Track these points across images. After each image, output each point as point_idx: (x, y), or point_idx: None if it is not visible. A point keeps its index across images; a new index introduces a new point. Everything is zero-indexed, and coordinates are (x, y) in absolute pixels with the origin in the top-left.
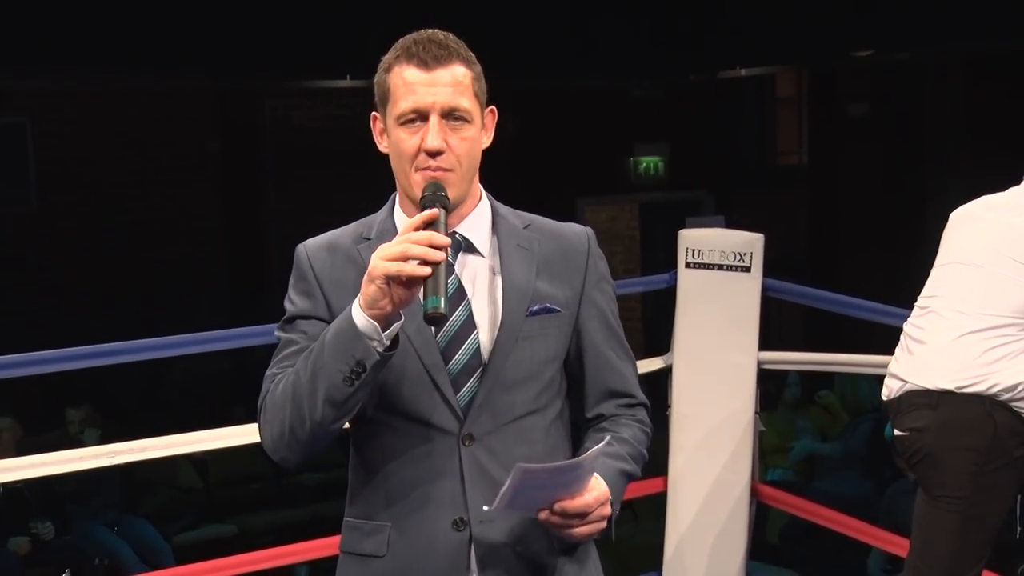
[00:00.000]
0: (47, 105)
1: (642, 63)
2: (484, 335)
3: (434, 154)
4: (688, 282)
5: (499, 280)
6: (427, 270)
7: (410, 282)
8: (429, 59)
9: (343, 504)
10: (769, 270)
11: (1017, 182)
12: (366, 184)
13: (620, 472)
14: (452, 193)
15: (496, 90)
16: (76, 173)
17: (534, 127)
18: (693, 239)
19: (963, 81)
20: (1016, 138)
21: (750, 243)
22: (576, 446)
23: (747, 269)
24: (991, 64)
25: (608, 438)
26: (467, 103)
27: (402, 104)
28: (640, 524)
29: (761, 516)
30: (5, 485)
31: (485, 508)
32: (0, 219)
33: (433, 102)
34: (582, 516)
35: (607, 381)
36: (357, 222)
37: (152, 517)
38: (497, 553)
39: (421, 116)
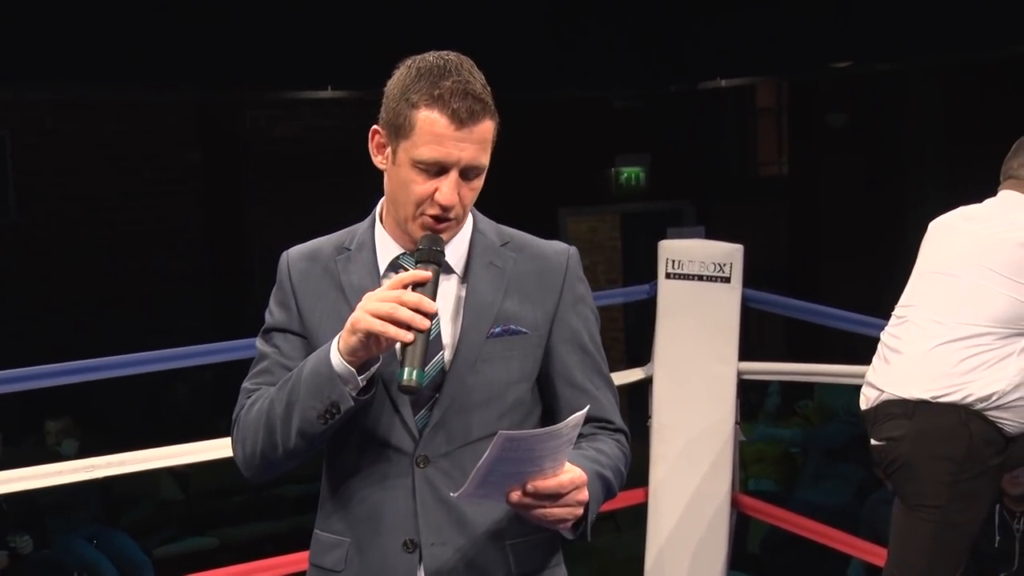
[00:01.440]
0: (27, 117)
1: (623, 74)
2: (448, 356)
3: (447, 208)
4: (668, 293)
5: (464, 299)
6: (410, 337)
7: (390, 342)
8: (464, 115)
9: None
10: (750, 280)
11: (995, 193)
12: (349, 194)
13: (597, 474)
14: (448, 236)
15: None
16: (56, 185)
17: (515, 138)
18: (673, 250)
19: (942, 91)
20: (995, 148)
21: (730, 254)
22: None
23: (727, 280)
24: (970, 74)
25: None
26: (486, 159)
27: (425, 151)
28: (621, 535)
29: (741, 526)
30: None
31: (453, 494)
32: None
33: (459, 159)
34: (556, 497)
35: (581, 407)
36: (343, 231)
37: (132, 530)
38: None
39: (440, 169)
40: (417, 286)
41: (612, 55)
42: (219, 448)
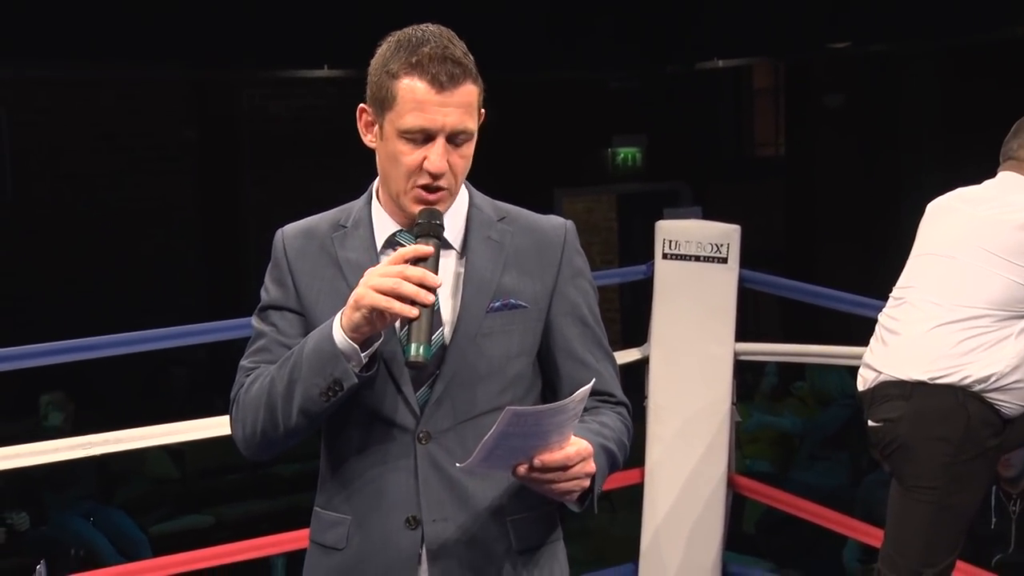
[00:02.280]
0: (22, 95)
1: (619, 55)
2: (448, 331)
3: (437, 175)
4: (665, 273)
5: (463, 274)
6: (415, 312)
7: (394, 317)
8: (444, 79)
9: None
10: (746, 261)
11: (993, 174)
12: (343, 174)
13: (602, 447)
14: (442, 207)
15: None
16: (52, 164)
17: (512, 118)
18: (670, 230)
19: (939, 73)
20: (992, 130)
21: (727, 234)
22: None
23: (724, 260)
24: (967, 56)
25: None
26: (472, 124)
27: (409, 120)
28: (616, 515)
29: (737, 507)
30: None
31: (458, 465)
32: None
33: (443, 124)
34: (563, 469)
35: (583, 379)
36: (337, 208)
37: (128, 508)
38: (449, 553)
39: (427, 136)
40: (419, 260)
41: (609, 36)
42: (214, 426)
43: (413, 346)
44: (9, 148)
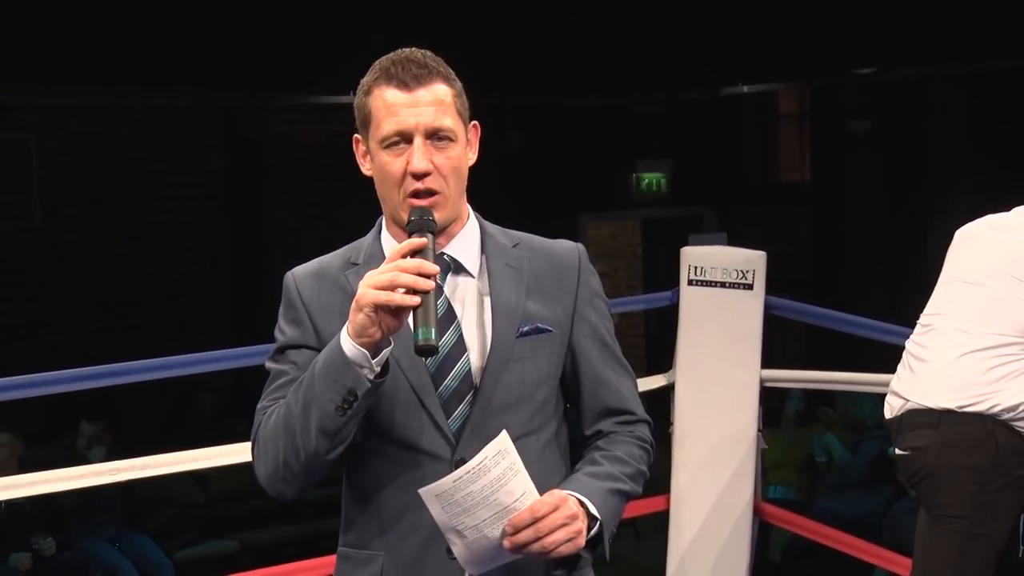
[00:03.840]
0: (51, 121)
1: (644, 79)
2: (474, 357)
3: (420, 176)
4: (691, 299)
5: (488, 301)
6: (416, 300)
7: (399, 311)
8: (409, 79)
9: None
10: (771, 287)
11: (1022, 201)
12: (369, 200)
13: (609, 491)
14: (441, 215)
15: (498, 106)
16: (80, 189)
17: (536, 143)
18: (696, 256)
19: (966, 98)
20: (1019, 156)
21: (753, 260)
22: (574, 466)
23: (750, 287)
24: (994, 81)
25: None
26: (450, 122)
27: (385, 127)
28: (642, 542)
29: (763, 534)
30: (7, 501)
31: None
32: (4, 234)
33: (416, 123)
34: (536, 522)
35: (604, 399)
36: (346, 247)
37: (154, 533)
38: None
39: (405, 139)
40: (415, 253)
41: (634, 60)
42: (239, 452)
43: (421, 331)
44: (37, 174)
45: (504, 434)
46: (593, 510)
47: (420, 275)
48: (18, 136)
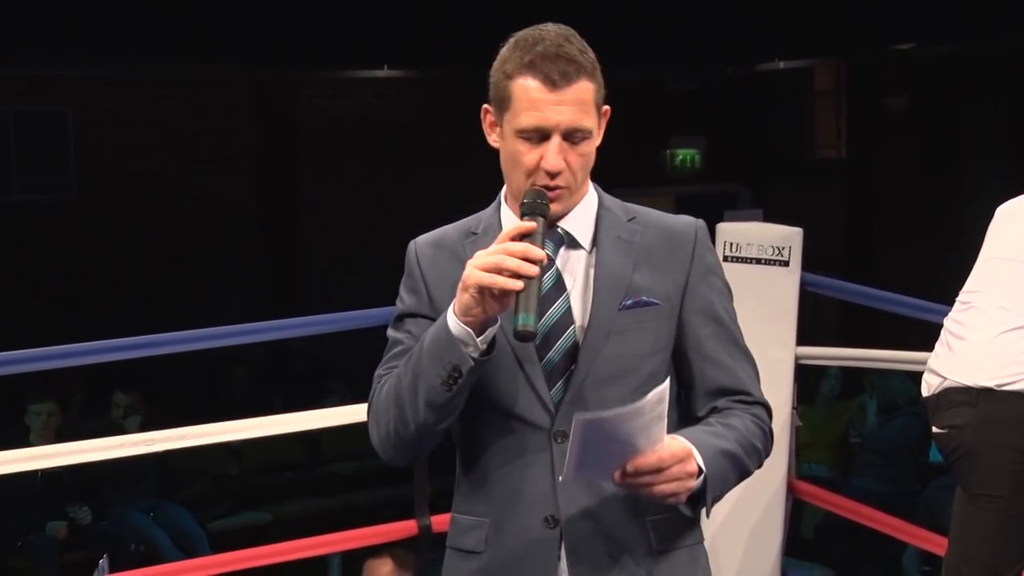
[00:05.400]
0: (87, 94)
1: (679, 55)
2: (579, 330)
3: (554, 175)
4: (726, 276)
5: (593, 273)
6: (519, 284)
7: (503, 294)
8: (557, 77)
9: (376, 494)
10: (805, 264)
11: None
12: (403, 174)
13: (720, 450)
14: (562, 206)
15: None
16: (115, 162)
17: None
18: (731, 233)
19: (1004, 76)
20: None
21: (789, 237)
22: None
23: (785, 263)
24: None
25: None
26: (589, 122)
27: (524, 119)
28: None
29: (796, 511)
30: (44, 470)
31: (560, 479)
32: (40, 207)
33: (557, 122)
34: (658, 471)
35: (717, 378)
36: (468, 218)
37: (187, 504)
38: (589, 551)
39: (542, 135)
40: (524, 237)
41: (668, 35)
42: (273, 424)
43: (521, 316)
44: (74, 147)
45: (665, 384)
46: (702, 464)
47: (526, 259)
48: (55, 109)
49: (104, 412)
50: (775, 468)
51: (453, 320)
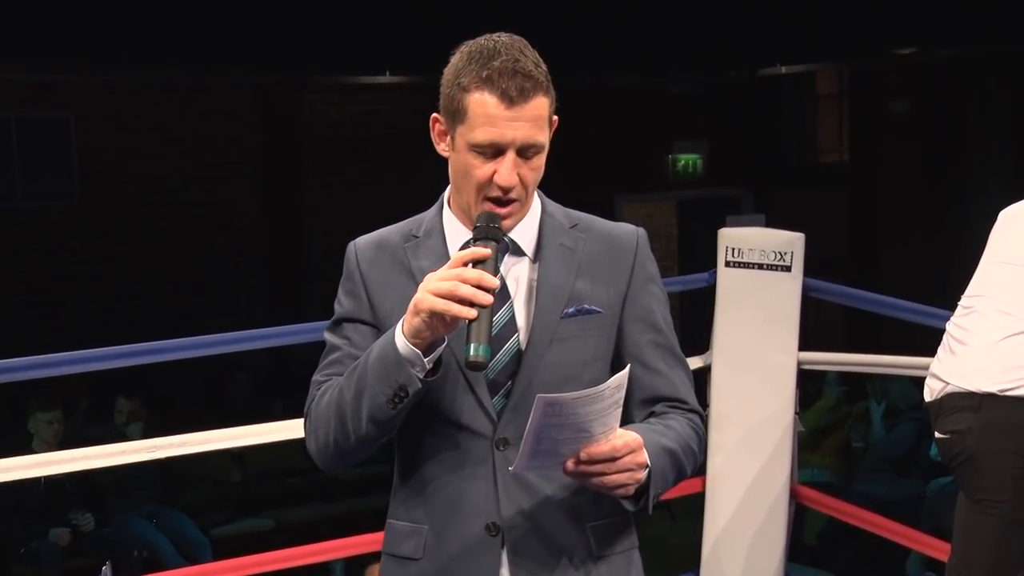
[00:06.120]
0: (90, 100)
1: (682, 60)
2: (523, 338)
3: (507, 189)
4: (728, 281)
5: (537, 281)
6: (473, 313)
7: (454, 320)
8: (515, 94)
9: (379, 500)
10: (808, 269)
11: None
12: (405, 179)
13: (663, 447)
14: (512, 221)
15: None
16: (117, 167)
17: (572, 124)
18: (733, 238)
19: (1007, 79)
20: None
21: (791, 242)
22: None
23: (787, 268)
24: None
25: (627, 371)
26: (543, 137)
27: (479, 134)
28: (677, 524)
29: (799, 517)
30: (47, 477)
31: (510, 469)
32: (43, 212)
33: (513, 139)
34: (611, 461)
35: (654, 385)
36: (408, 220)
37: (190, 510)
38: (530, 558)
39: (497, 150)
40: (477, 263)
41: (671, 41)
42: (275, 431)
43: (472, 346)
44: (77, 153)
45: (626, 371)
46: (647, 459)
47: (480, 287)
48: (57, 115)
49: (107, 418)
50: (777, 473)
51: (402, 340)
